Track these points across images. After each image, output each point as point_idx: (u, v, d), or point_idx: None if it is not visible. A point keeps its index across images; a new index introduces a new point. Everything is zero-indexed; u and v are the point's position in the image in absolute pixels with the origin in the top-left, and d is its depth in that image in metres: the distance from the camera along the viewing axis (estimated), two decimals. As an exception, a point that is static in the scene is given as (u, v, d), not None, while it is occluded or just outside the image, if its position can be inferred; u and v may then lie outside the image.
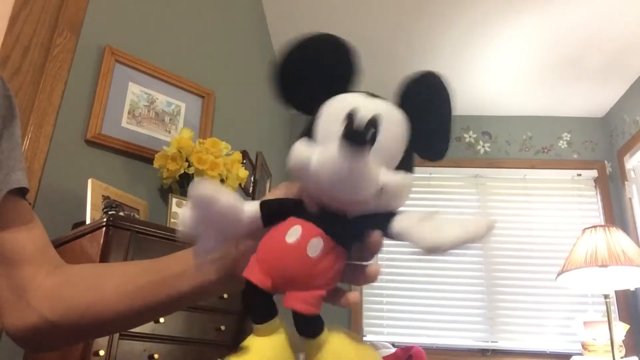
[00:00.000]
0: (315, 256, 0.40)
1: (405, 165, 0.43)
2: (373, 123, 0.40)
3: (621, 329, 2.47)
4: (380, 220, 0.43)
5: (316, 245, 0.41)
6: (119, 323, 0.56)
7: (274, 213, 0.44)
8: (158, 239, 1.37)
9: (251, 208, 0.44)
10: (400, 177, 0.42)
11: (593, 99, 3.27)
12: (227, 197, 0.43)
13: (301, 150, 0.42)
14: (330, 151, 0.39)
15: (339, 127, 0.40)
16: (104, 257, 1.28)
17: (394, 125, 0.42)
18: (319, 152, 0.40)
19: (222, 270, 0.50)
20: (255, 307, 0.42)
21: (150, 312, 0.55)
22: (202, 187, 0.42)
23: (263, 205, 0.44)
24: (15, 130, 0.61)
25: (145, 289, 0.53)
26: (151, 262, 0.56)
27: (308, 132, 0.43)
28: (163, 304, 0.54)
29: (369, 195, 0.40)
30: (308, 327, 0.41)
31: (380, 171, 0.40)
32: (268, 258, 0.42)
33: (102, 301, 0.54)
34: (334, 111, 0.42)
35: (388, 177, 0.41)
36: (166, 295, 0.53)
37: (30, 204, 0.62)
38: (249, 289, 0.42)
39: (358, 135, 0.38)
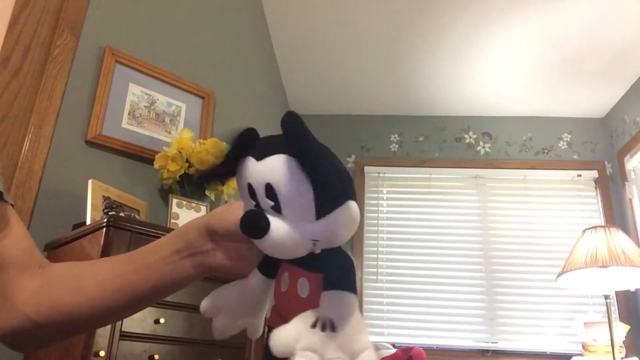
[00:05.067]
0: (306, 296, 0.44)
1: (327, 201, 0.42)
2: (270, 195, 0.42)
3: (621, 329, 2.47)
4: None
5: (303, 285, 0.45)
6: (104, 319, 0.59)
7: (271, 267, 0.49)
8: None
9: (254, 277, 0.50)
10: (324, 224, 0.42)
11: (593, 99, 3.27)
12: (225, 294, 0.50)
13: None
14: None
15: (249, 206, 0.44)
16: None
17: (288, 184, 0.41)
18: None
19: (198, 264, 0.54)
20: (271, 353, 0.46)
21: (133, 308, 0.58)
22: (203, 302, 0.50)
23: (260, 267, 0.50)
24: None
25: (126, 288, 0.55)
26: (129, 259, 0.57)
27: None
28: (145, 299, 0.57)
29: (304, 252, 0.43)
30: None
31: (304, 228, 0.42)
32: (276, 306, 0.47)
33: (85, 302, 0.56)
34: (241, 187, 0.45)
35: (312, 230, 0.42)
36: (147, 291, 0.55)
37: (12, 205, 0.61)
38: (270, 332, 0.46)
39: (253, 230, 0.41)
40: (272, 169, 0.41)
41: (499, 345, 2.96)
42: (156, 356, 1.30)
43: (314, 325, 0.39)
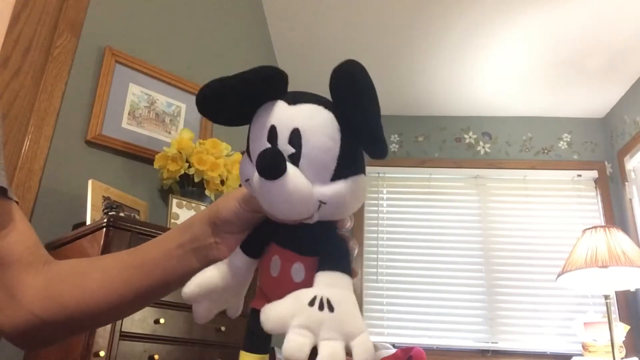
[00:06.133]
0: (301, 280, 0.42)
1: (347, 166, 0.40)
2: (293, 141, 0.39)
3: (621, 329, 2.47)
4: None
5: (298, 270, 0.43)
6: (110, 316, 0.59)
7: (256, 247, 0.47)
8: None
9: (236, 259, 0.48)
10: (337, 188, 0.40)
11: (593, 99, 3.27)
12: (210, 279, 0.47)
13: (242, 170, 0.43)
14: (255, 178, 0.39)
15: (261, 148, 0.39)
16: (104, 258, 1.28)
17: (317, 135, 0.39)
18: (252, 175, 0.41)
19: (202, 258, 0.53)
20: (255, 335, 0.44)
21: (138, 304, 0.58)
22: (186, 289, 0.46)
23: (243, 246, 0.48)
24: None
25: (131, 283, 0.55)
26: (134, 254, 0.57)
27: (248, 146, 0.43)
28: (150, 294, 0.56)
29: (306, 213, 0.40)
30: None
31: (314, 187, 0.39)
32: (265, 291, 0.45)
33: (90, 298, 0.55)
34: (257, 128, 0.41)
35: (323, 191, 0.39)
36: (153, 286, 0.55)
37: (17, 202, 0.61)
38: (255, 316, 0.44)
39: (269, 169, 0.37)
40: (305, 115, 0.39)
41: (499, 345, 2.96)
42: (156, 356, 1.30)
43: (312, 303, 0.37)
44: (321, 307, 0.37)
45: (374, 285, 3.12)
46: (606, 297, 2.24)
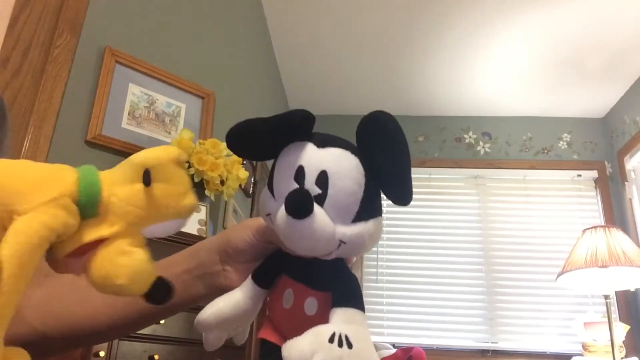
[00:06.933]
0: (313, 314, 0.44)
1: (368, 210, 0.42)
2: (320, 183, 0.41)
3: (621, 329, 2.47)
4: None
5: (311, 304, 0.44)
6: (112, 333, 0.57)
7: (267, 278, 0.48)
8: (158, 240, 1.37)
9: (247, 290, 0.49)
10: (358, 229, 0.41)
11: (593, 99, 3.27)
12: (224, 309, 0.48)
13: (264, 205, 0.44)
14: (280, 215, 0.41)
15: (287, 187, 0.41)
16: (104, 258, 1.28)
17: (344, 179, 0.41)
18: (276, 212, 0.42)
19: (208, 285, 0.53)
20: None
21: (140, 324, 0.57)
22: (201, 319, 0.47)
23: (255, 277, 0.49)
24: (4, 142, 0.61)
25: (136, 303, 0.54)
26: None
27: (271, 182, 0.44)
28: (152, 315, 0.56)
29: (326, 251, 0.42)
30: None
31: (336, 227, 0.41)
32: (276, 322, 0.46)
33: (93, 314, 0.54)
34: (284, 167, 0.43)
35: (344, 231, 0.41)
36: (155, 308, 0.54)
37: None
38: (265, 346, 0.45)
39: (298, 209, 0.39)
40: (333, 159, 0.41)
41: (499, 345, 2.96)
42: (156, 356, 1.30)
43: (331, 340, 0.39)
44: (340, 344, 0.39)
45: (374, 285, 3.12)
46: (606, 297, 2.24)
